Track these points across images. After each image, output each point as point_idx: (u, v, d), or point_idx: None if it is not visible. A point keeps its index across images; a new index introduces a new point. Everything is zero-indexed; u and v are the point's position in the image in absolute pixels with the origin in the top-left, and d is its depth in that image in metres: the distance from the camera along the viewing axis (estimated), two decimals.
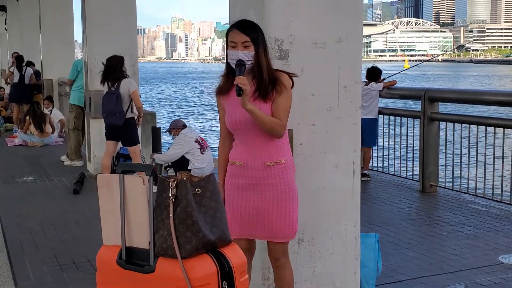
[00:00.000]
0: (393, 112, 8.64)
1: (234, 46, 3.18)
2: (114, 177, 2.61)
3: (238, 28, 3.21)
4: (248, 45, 3.17)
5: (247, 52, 3.16)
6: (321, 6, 3.69)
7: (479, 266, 4.85)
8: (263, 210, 3.26)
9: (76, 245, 5.48)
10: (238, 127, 3.24)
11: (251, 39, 3.17)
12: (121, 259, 2.64)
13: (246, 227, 3.29)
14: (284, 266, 3.40)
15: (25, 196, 7.58)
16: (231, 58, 3.17)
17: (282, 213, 3.26)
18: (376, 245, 4.29)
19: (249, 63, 3.17)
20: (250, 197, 3.26)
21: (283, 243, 3.36)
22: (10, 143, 12.10)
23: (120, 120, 7.25)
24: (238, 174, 3.28)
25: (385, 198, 7.24)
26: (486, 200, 6.92)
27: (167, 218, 2.54)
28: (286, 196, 3.27)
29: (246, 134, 3.24)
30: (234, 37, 3.19)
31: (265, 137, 3.22)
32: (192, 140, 7.89)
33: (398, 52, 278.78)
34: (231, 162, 3.32)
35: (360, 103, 3.91)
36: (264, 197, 3.25)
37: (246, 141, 3.26)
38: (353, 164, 3.88)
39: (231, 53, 3.18)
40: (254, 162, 3.24)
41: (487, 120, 7.21)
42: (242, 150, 3.27)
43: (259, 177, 3.24)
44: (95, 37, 8.74)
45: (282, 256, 3.38)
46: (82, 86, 9.34)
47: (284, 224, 3.28)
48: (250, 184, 3.25)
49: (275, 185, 3.24)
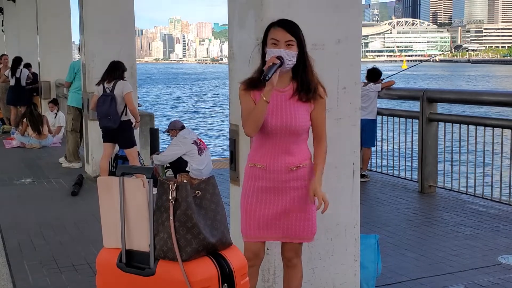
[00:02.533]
0: (392, 112, 8.64)
1: (275, 43, 3.08)
2: (114, 179, 2.61)
3: (282, 26, 3.10)
4: (292, 44, 3.08)
5: (289, 52, 3.07)
6: (320, 7, 3.69)
7: (479, 266, 4.85)
8: (282, 212, 3.21)
9: (75, 247, 5.46)
10: (276, 131, 3.14)
11: (296, 39, 3.09)
12: (121, 262, 2.63)
13: (263, 230, 3.22)
14: (296, 267, 3.38)
15: (23, 198, 7.56)
16: (271, 55, 3.06)
17: (301, 214, 3.23)
18: (376, 246, 4.29)
19: (289, 63, 3.08)
20: (271, 199, 3.20)
21: (300, 243, 3.33)
22: (7, 145, 12.07)
23: (114, 123, 7.22)
24: (259, 176, 3.20)
25: (384, 199, 7.23)
26: (485, 201, 6.92)
27: (167, 220, 2.53)
28: (308, 197, 3.23)
29: (276, 138, 3.15)
30: (276, 34, 3.09)
31: (292, 141, 3.16)
32: (190, 141, 7.85)
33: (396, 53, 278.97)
34: (252, 164, 3.23)
35: (359, 104, 3.91)
36: (285, 200, 3.20)
37: (271, 144, 3.17)
38: (352, 165, 3.88)
39: (271, 50, 3.07)
40: (277, 166, 3.17)
41: (485, 121, 7.20)
42: (265, 152, 3.18)
43: (282, 180, 3.18)
44: (92, 38, 8.73)
45: (296, 257, 3.36)
46: (80, 87, 9.33)
47: (303, 225, 3.24)
48: (272, 187, 3.19)
49: (298, 188, 3.20)
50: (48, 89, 14.01)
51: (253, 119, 3.07)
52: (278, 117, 3.11)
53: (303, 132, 3.18)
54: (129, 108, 7.30)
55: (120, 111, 7.24)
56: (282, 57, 3.04)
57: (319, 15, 3.69)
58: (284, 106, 3.13)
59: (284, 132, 3.12)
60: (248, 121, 3.10)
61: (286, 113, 3.12)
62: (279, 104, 3.12)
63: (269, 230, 3.23)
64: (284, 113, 3.12)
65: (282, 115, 3.11)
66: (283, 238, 3.28)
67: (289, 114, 3.12)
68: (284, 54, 3.05)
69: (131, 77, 8.38)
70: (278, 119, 3.11)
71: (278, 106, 3.12)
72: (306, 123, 3.17)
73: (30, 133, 11.89)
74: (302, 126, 3.15)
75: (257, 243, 3.26)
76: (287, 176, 3.17)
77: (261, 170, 3.19)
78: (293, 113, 3.12)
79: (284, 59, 3.04)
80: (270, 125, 3.11)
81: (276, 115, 3.11)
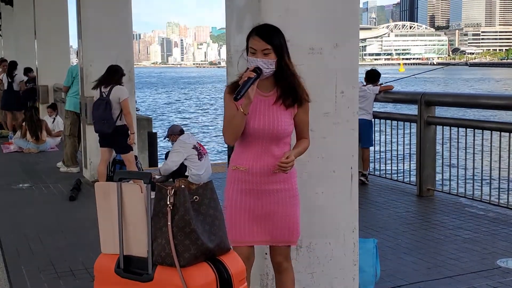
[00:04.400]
0: (390, 116, 8.64)
1: (254, 52, 3.11)
2: (112, 185, 2.60)
3: (259, 34, 3.12)
4: (268, 52, 3.10)
5: (266, 60, 3.09)
6: (317, 12, 3.69)
7: (477, 270, 4.85)
8: (268, 215, 3.23)
9: (73, 253, 5.44)
10: (258, 134, 3.16)
11: (272, 47, 3.10)
12: (119, 268, 2.62)
13: (249, 234, 3.24)
14: (287, 270, 3.39)
15: (21, 203, 7.55)
16: (249, 65, 3.11)
17: (287, 217, 3.25)
18: (375, 250, 4.28)
19: (268, 71, 3.11)
20: (255, 202, 3.22)
21: (287, 247, 3.34)
22: (5, 150, 12.06)
23: (109, 128, 7.20)
24: (242, 179, 3.22)
25: (382, 202, 7.23)
26: (483, 204, 6.92)
27: (165, 226, 2.52)
28: (292, 200, 3.26)
29: (258, 141, 3.17)
30: (254, 43, 3.11)
31: (274, 145, 3.18)
32: (190, 146, 7.83)
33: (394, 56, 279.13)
34: (234, 167, 3.25)
35: (357, 109, 3.91)
36: (270, 202, 3.22)
37: (254, 147, 3.19)
38: (350, 169, 3.87)
39: (250, 59, 3.11)
40: (260, 168, 3.19)
41: (483, 124, 7.20)
42: (247, 155, 3.20)
43: (265, 182, 3.20)
44: (90, 42, 8.73)
45: (285, 260, 3.37)
46: (78, 92, 9.32)
47: (289, 227, 3.26)
48: (255, 189, 3.21)
49: (280, 190, 3.23)
50: (46, 93, 14.00)
51: (231, 130, 3.14)
52: (261, 121, 3.15)
53: (286, 135, 3.21)
54: (124, 115, 7.25)
55: (115, 116, 7.21)
56: (260, 68, 3.08)
57: (316, 19, 3.68)
58: (268, 110, 3.17)
59: (267, 135, 3.16)
60: (227, 130, 3.16)
61: (269, 116, 3.16)
62: (262, 108, 3.16)
63: (255, 234, 3.25)
64: (267, 117, 3.16)
65: (265, 119, 3.15)
66: (270, 242, 3.30)
67: (272, 118, 3.16)
68: (261, 64, 3.09)
69: (129, 81, 8.38)
70: (260, 122, 3.15)
71: (261, 110, 3.16)
72: (289, 127, 3.20)
73: (28, 138, 11.87)
74: (285, 130, 3.18)
75: (244, 247, 3.27)
76: (269, 179, 3.20)
77: (243, 172, 3.21)
78: (276, 117, 3.16)
79: (262, 69, 3.08)
80: (253, 128, 3.15)
81: (259, 119, 3.15)
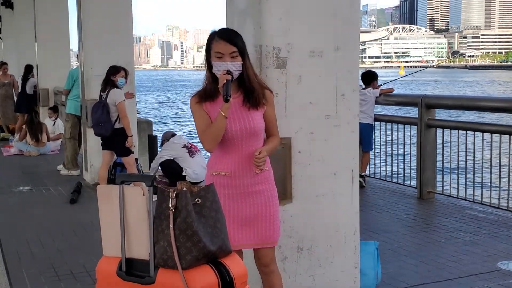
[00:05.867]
0: (390, 118, 8.65)
1: (220, 57, 3.14)
2: (114, 188, 2.60)
3: (224, 37, 3.16)
4: (235, 55, 3.14)
5: (235, 63, 3.14)
6: (318, 14, 3.70)
7: (478, 272, 4.84)
8: (252, 217, 3.25)
9: (74, 255, 5.44)
10: (237, 136, 3.19)
11: (238, 50, 3.15)
12: (121, 271, 2.62)
13: (236, 238, 3.23)
14: (273, 272, 3.39)
15: (22, 206, 7.55)
16: (218, 69, 3.13)
17: (271, 218, 3.28)
18: (376, 253, 4.29)
19: (237, 73, 3.16)
20: (238, 206, 3.23)
21: (272, 248, 3.36)
22: (5, 153, 12.07)
23: (106, 131, 7.20)
24: (224, 184, 3.22)
25: (383, 205, 7.23)
26: (483, 206, 6.91)
27: (167, 228, 2.53)
28: (273, 200, 3.30)
29: (237, 143, 3.20)
30: (220, 47, 3.14)
31: (253, 146, 3.21)
32: (179, 146, 8.02)
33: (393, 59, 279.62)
34: (215, 173, 3.24)
35: (358, 111, 3.92)
36: (252, 204, 3.24)
37: (234, 150, 3.21)
38: (351, 172, 3.87)
39: (218, 64, 3.13)
40: (242, 171, 3.21)
41: (484, 127, 7.21)
42: (228, 160, 3.22)
43: (247, 185, 3.23)
44: (91, 46, 8.73)
45: (272, 262, 3.37)
46: (78, 95, 9.32)
47: (273, 228, 3.30)
48: (238, 193, 3.23)
49: (262, 191, 3.26)
50: (47, 96, 14.03)
51: (213, 136, 3.14)
52: (237, 122, 3.18)
53: (261, 132, 3.26)
54: (120, 118, 7.25)
55: (114, 119, 7.22)
56: (231, 71, 3.12)
57: (317, 22, 3.69)
58: (240, 111, 3.20)
59: (245, 135, 3.19)
60: (207, 137, 3.15)
61: (243, 116, 3.20)
62: (234, 110, 3.18)
63: (242, 238, 3.25)
64: (242, 117, 3.19)
65: (240, 119, 3.18)
66: (257, 244, 3.31)
67: (245, 117, 3.20)
68: (231, 67, 3.13)
69: (130, 84, 8.38)
70: (237, 124, 3.18)
71: (234, 111, 3.18)
72: (262, 123, 3.26)
73: (29, 141, 11.88)
74: (259, 126, 3.23)
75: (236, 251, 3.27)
76: (251, 181, 3.23)
77: (225, 177, 3.22)
78: (249, 115, 3.20)
79: (232, 71, 3.13)
80: (231, 131, 3.17)
81: (234, 121, 3.18)
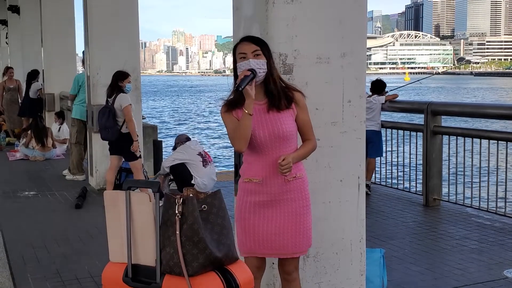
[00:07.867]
0: (396, 125, 8.63)
1: (244, 56, 3.11)
2: (120, 193, 2.60)
3: (247, 39, 3.16)
4: (258, 53, 3.11)
5: (258, 61, 3.09)
6: (325, 21, 3.70)
7: (484, 280, 4.82)
8: (282, 226, 3.20)
9: (79, 261, 5.44)
10: (265, 142, 3.14)
11: (261, 49, 3.13)
12: (127, 277, 2.62)
13: (261, 245, 3.21)
14: (295, 280, 3.37)
15: (27, 211, 7.55)
16: (241, 69, 3.09)
17: (301, 227, 3.23)
18: (381, 260, 4.27)
19: (262, 72, 3.10)
20: (269, 214, 3.19)
21: (297, 257, 3.33)
22: (11, 158, 12.08)
23: (112, 135, 7.21)
24: (255, 191, 3.19)
25: (389, 212, 7.21)
26: (489, 214, 6.89)
27: (173, 235, 2.52)
28: (304, 209, 3.24)
29: (268, 150, 3.15)
30: (243, 48, 3.13)
31: (284, 152, 3.15)
32: (195, 152, 7.80)
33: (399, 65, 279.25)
34: (247, 180, 3.21)
35: (364, 118, 3.91)
36: (284, 212, 3.19)
37: (265, 157, 3.16)
38: (358, 179, 3.87)
39: (241, 64, 3.10)
40: (274, 178, 3.16)
41: (490, 134, 7.18)
42: (260, 166, 3.17)
43: (279, 193, 3.18)
44: (97, 51, 8.75)
45: (295, 270, 3.35)
46: (84, 100, 9.34)
47: (302, 238, 3.24)
48: (269, 200, 3.19)
49: (294, 200, 3.21)
50: (52, 101, 14.06)
51: (240, 135, 3.09)
52: (265, 128, 3.14)
53: (291, 136, 3.19)
54: (126, 121, 7.24)
55: (120, 124, 7.22)
56: (253, 69, 3.06)
57: (324, 28, 3.69)
58: (267, 116, 3.16)
59: (274, 140, 3.14)
60: (235, 138, 3.12)
61: (271, 121, 3.15)
62: (261, 115, 3.15)
63: (266, 247, 3.22)
64: (269, 122, 3.15)
65: (268, 124, 3.14)
66: (279, 255, 3.28)
67: (273, 122, 3.15)
68: (254, 64, 3.08)
69: (136, 90, 8.39)
70: (265, 129, 3.14)
71: (262, 117, 3.15)
72: (292, 127, 3.19)
73: (34, 145, 11.90)
74: (289, 130, 3.17)
75: (256, 258, 3.26)
76: (283, 188, 3.18)
77: (257, 184, 3.19)
78: (277, 120, 3.15)
79: (255, 69, 3.07)
80: (259, 137, 3.13)
81: (262, 126, 3.14)
